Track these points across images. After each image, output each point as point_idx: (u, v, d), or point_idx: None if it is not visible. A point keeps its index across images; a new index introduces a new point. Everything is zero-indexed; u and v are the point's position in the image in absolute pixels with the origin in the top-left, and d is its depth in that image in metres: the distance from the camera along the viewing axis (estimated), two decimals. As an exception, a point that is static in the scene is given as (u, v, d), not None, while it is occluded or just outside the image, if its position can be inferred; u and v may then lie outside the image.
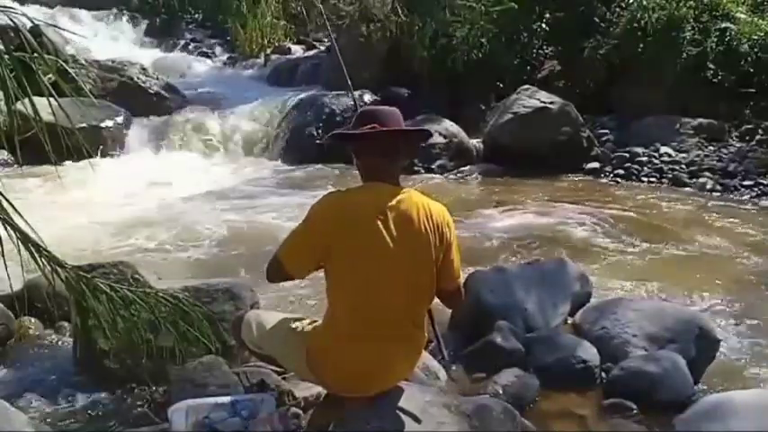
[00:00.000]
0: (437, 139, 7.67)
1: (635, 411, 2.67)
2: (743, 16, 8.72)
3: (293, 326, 2.23)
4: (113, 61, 9.13)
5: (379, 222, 1.99)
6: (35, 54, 1.72)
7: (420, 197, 2.10)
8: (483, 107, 8.75)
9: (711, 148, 7.67)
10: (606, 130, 8.21)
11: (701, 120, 7.92)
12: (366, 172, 2.14)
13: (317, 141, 7.65)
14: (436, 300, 2.22)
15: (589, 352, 2.94)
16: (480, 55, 8.84)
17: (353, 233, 2.00)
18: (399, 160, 2.15)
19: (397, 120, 2.11)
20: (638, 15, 8.50)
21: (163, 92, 8.81)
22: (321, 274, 2.12)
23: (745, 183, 6.89)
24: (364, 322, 2.03)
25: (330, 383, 2.19)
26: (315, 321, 2.22)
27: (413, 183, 6.59)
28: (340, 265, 2.01)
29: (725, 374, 3.07)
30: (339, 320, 2.05)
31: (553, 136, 7.50)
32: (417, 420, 2.04)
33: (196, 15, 14.37)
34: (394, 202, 2.02)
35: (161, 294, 2.18)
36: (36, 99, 1.70)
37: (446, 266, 2.10)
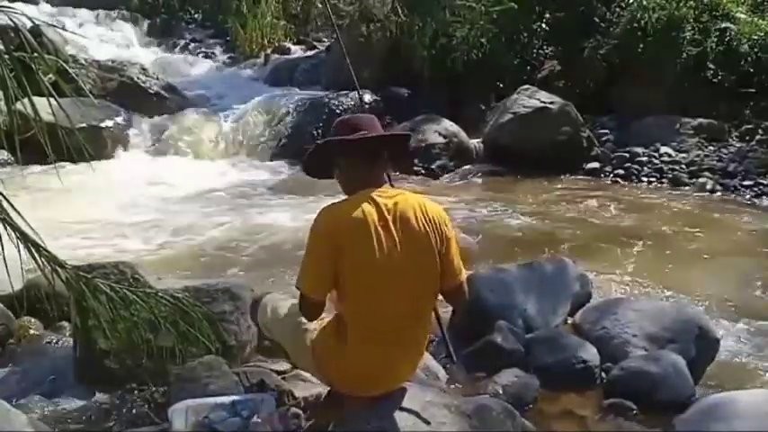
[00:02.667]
0: (437, 139, 7.67)
1: (635, 411, 2.67)
2: (743, 16, 8.71)
3: (302, 320, 2.21)
4: (113, 61, 9.12)
5: (380, 228, 1.98)
6: (35, 54, 1.71)
7: (415, 197, 2.11)
8: (483, 107, 8.74)
9: (711, 148, 7.66)
10: (606, 130, 8.20)
11: (701, 120, 7.91)
12: (354, 181, 2.12)
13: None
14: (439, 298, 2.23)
15: (589, 352, 2.94)
16: (480, 55, 8.83)
17: (357, 243, 1.98)
18: (385, 165, 2.18)
19: (378, 126, 2.17)
20: (638, 15, 8.49)
21: (163, 92, 8.80)
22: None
23: (745, 183, 6.88)
24: (369, 327, 2.03)
25: (335, 382, 2.20)
26: (323, 318, 2.21)
27: (413, 183, 6.59)
28: (346, 274, 2.00)
29: (725, 374, 3.07)
30: (344, 324, 2.05)
31: (553, 136, 7.49)
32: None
33: (196, 15, 14.36)
34: (391, 205, 2.02)
35: (161, 294, 2.18)
36: (36, 99, 1.70)
37: (447, 264, 2.09)
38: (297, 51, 12.11)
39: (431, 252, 2.03)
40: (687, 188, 6.94)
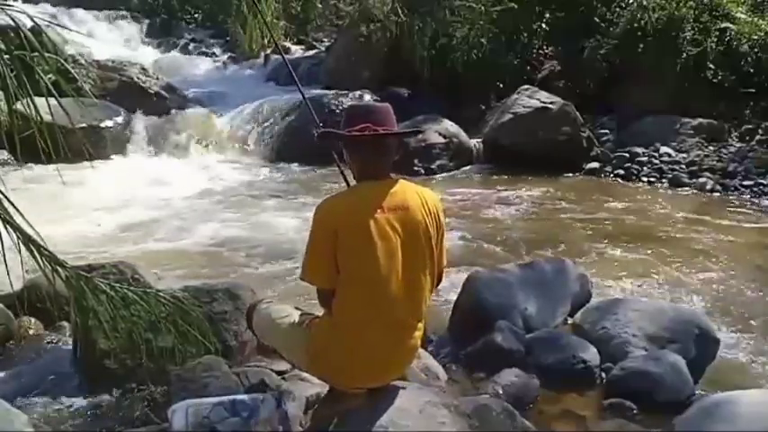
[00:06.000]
0: (437, 139, 7.67)
1: (635, 411, 2.67)
2: (743, 16, 8.73)
3: (297, 321, 2.25)
4: (113, 61, 9.11)
5: (379, 218, 2.02)
6: (35, 53, 1.71)
7: (413, 187, 2.15)
8: (483, 107, 8.76)
9: (711, 148, 7.68)
10: (606, 130, 8.22)
11: (700, 120, 7.93)
12: (360, 170, 2.16)
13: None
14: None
15: (589, 352, 2.94)
16: (480, 55, 8.84)
17: (356, 233, 2.01)
18: (392, 156, 2.16)
19: (391, 118, 2.13)
20: (638, 15, 8.51)
21: (163, 92, 8.79)
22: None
23: (745, 183, 6.90)
24: (365, 310, 2.05)
25: (333, 377, 2.20)
26: (316, 317, 2.22)
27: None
28: (346, 264, 2.03)
29: (725, 374, 3.07)
30: (343, 313, 2.07)
31: (553, 136, 7.50)
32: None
33: (196, 15, 14.36)
34: (390, 195, 2.06)
35: (161, 294, 2.18)
36: (36, 99, 1.70)
37: (437, 252, 2.15)
38: (297, 51, 12.11)
39: (428, 239, 2.08)
40: (687, 188, 6.95)
